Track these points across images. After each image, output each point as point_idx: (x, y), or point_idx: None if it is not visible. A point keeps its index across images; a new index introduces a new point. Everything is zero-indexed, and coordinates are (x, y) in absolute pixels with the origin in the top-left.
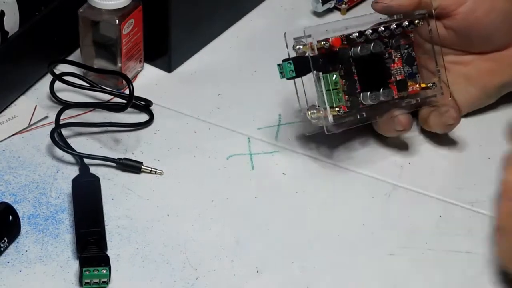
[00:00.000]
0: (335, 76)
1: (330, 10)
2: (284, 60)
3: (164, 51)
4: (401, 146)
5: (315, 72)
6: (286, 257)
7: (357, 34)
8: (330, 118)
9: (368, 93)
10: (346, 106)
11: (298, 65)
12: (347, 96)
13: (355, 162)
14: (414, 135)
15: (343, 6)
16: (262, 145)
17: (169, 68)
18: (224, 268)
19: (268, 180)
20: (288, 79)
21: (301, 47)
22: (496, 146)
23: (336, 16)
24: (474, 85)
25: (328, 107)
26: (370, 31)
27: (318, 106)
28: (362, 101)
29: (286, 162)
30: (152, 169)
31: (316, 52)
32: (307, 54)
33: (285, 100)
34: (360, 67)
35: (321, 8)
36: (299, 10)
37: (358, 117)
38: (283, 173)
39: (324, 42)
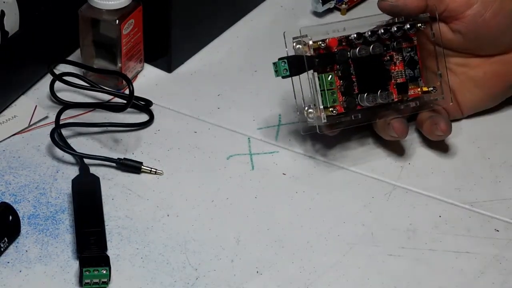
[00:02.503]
0: (330, 76)
1: (330, 10)
2: (279, 59)
3: (164, 51)
4: (401, 146)
5: (310, 71)
6: (286, 257)
7: (355, 35)
8: (323, 118)
9: (365, 94)
10: (342, 107)
11: (293, 64)
12: (343, 97)
13: (355, 162)
14: (414, 136)
15: (343, 6)
16: (262, 145)
17: (169, 68)
18: (224, 268)
19: (268, 180)
20: (283, 77)
21: (301, 46)
22: (495, 147)
23: (336, 16)
24: (480, 88)
25: (322, 107)
26: (369, 33)
27: (314, 105)
28: (360, 103)
29: (286, 162)
30: (152, 169)
31: (313, 52)
32: (307, 54)
33: (285, 100)
34: (359, 68)
35: (321, 8)
36: (299, 10)
37: (353, 118)
38: (283, 173)
39: (321, 42)
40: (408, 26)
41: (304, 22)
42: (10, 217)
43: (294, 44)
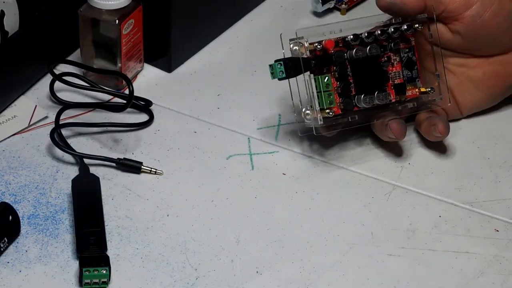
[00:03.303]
0: (327, 78)
1: (330, 10)
2: (276, 61)
3: (164, 51)
4: (401, 146)
5: (307, 73)
6: (286, 257)
7: (351, 37)
8: (320, 120)
9: (363, 96)
10: (340, 109)
11: (289, 66)
12: (340, 99)
13: (355, 162)
14: (413, 136)
15: (343, 6)
16: (262, 145)
17: (169, 68)
18: (224, 268)
19: (268, 180)
20: (279, 79)
21: (297, 48)
22: (495, 147)
23: (336, 16)
24: (479, 88)
25: (318, 108)
26: (366, 34)
27: (311, 107)
28: (357, 104)
29: (286, 162)
30: (152, 169)
31: (309, 54)
32: (304, 56)
33: (285, 101)
34: (356, 69)
35: (321, 8)
36: (299, 10)
37: (350, 119)
38: (283, 173)
39: (317, 44)
40: (406, 27)
41: (304, 22)
42: (10, 217)
43: (291, 45)
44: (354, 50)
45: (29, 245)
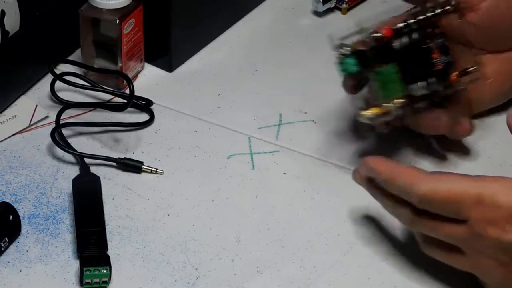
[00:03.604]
0: (391, 67)
1: (330, 10)
2: (345, 56)
3: (164, 51)
4: (401, 146)
5: (373, 65)
6: (287, 257)
7: (402, 24)
8: (393, 111)
9: (419, 83)
10: (402, 99)
11: (361, 58)
12: (402, 88)
13: (355, 162)
14: (413, 135)
15: (344, 5)
16: (262, 144)
17: (169, 68)
18: (224, 268)
19: (268, 180)
20: (350, 75)
21: (349, 49)
22: (495, 147)
23: (337, 15)
24: (489, 85)
25: (382, 100)
26: (412, 20)
27: (376, 102)
28: (413, 93)
29: (286, 162)
30: (153, 169)
31: (374, 43)
32: (371, 45)
33: (286, 100)
34: (406, 57)
35: (321, 7)
36: (299, 10)
37: (414, 108)
38: (284, 173)
39: (376, 34)
40: (440, 11)
41: (305, 22)
42: (11, 217)
43: (363, 37)
44: (407, 37)
45: (30, 244)
